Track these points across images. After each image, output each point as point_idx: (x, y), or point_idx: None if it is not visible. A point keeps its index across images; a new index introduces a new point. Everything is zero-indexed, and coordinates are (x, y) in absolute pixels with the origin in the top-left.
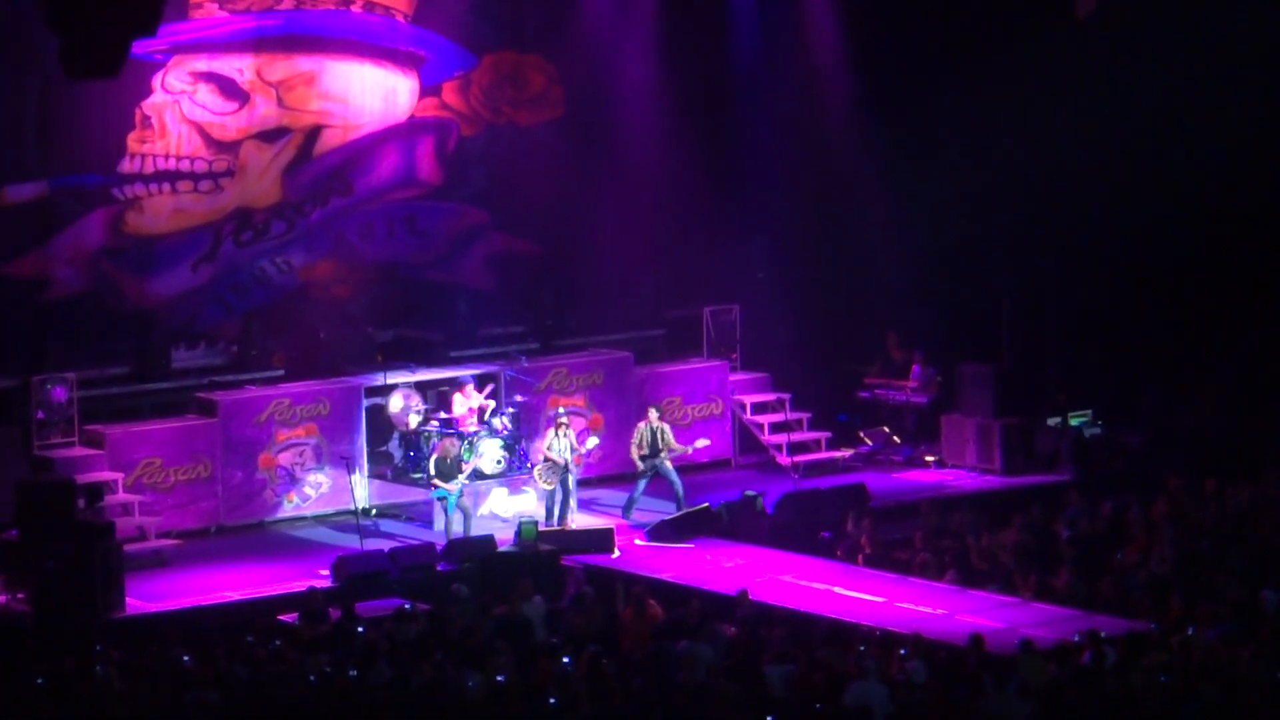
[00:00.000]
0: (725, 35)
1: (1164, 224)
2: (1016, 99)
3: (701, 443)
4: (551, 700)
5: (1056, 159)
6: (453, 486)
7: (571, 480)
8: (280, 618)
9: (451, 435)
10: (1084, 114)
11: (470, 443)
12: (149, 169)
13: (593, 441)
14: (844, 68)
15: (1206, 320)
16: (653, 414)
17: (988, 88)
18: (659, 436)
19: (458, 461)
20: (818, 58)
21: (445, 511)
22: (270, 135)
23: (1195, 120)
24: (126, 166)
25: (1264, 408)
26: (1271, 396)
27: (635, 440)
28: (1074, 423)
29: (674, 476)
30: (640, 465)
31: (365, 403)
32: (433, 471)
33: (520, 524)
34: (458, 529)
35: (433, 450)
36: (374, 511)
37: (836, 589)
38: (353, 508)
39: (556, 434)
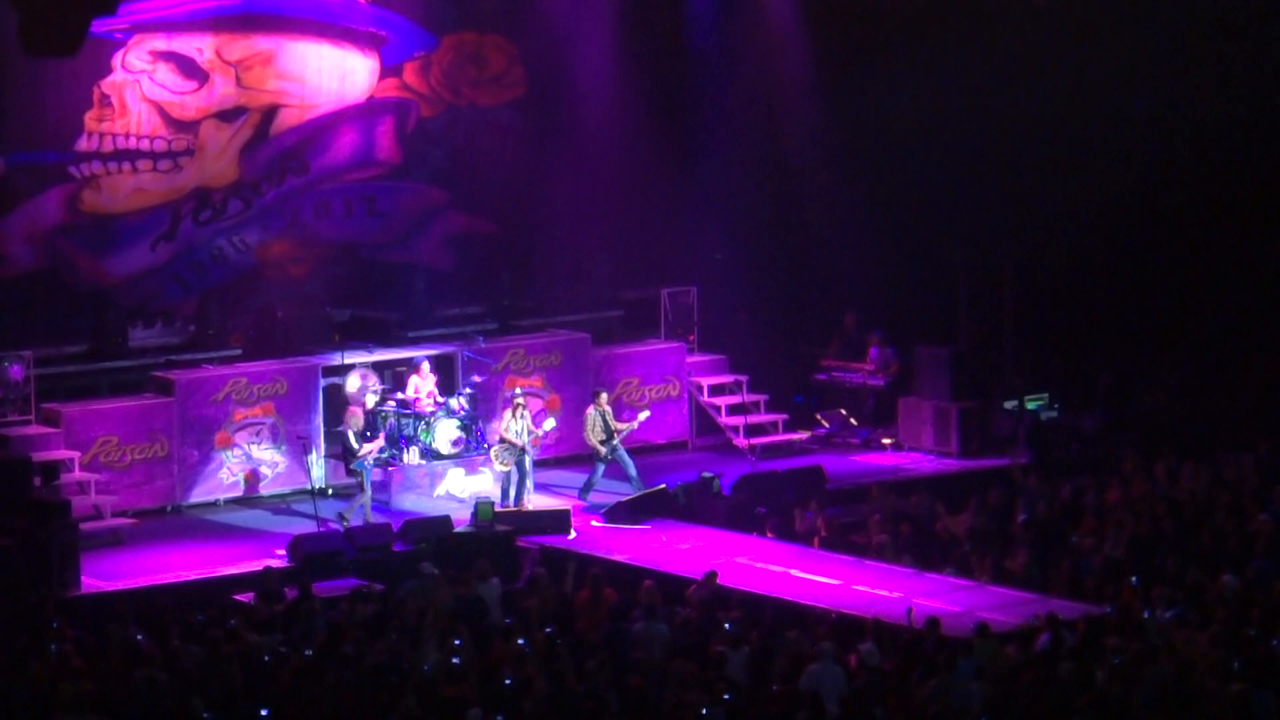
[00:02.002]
0: (683, 16)
1: (1119, 208)
2: (974, 82)
3: (644, 414)
4: (507, 681)
5: (1013, 143)
6: (368, 458)
7: (528, 461)
8: (236, 597)
9: (356, 407)
10: (1041, 98)
11: (427, 423)
12: (107, 148)
13: (550, 423)
14: (802, 50)
15: (1163, 303)
16: (601, 397)
17: (945, 70)
18: (607, 419)
19: (362, 434)
20: (775, 40)
21: (364, 487)
22: (228, 115)
23: (1152, 106)
24: (84, 145)
25: (1220, 391)
26: (1227, 379)
27: (589, 428)
28: (1030, 406)
29: (627, 459)
30: (601, 451)
31: (322, 382)
32: (354, 445)
33: (477, 504)
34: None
35: (345, 426)
36: (330, 491)
37: (793, 571)
38: (309, 487)
39: (513, 415)
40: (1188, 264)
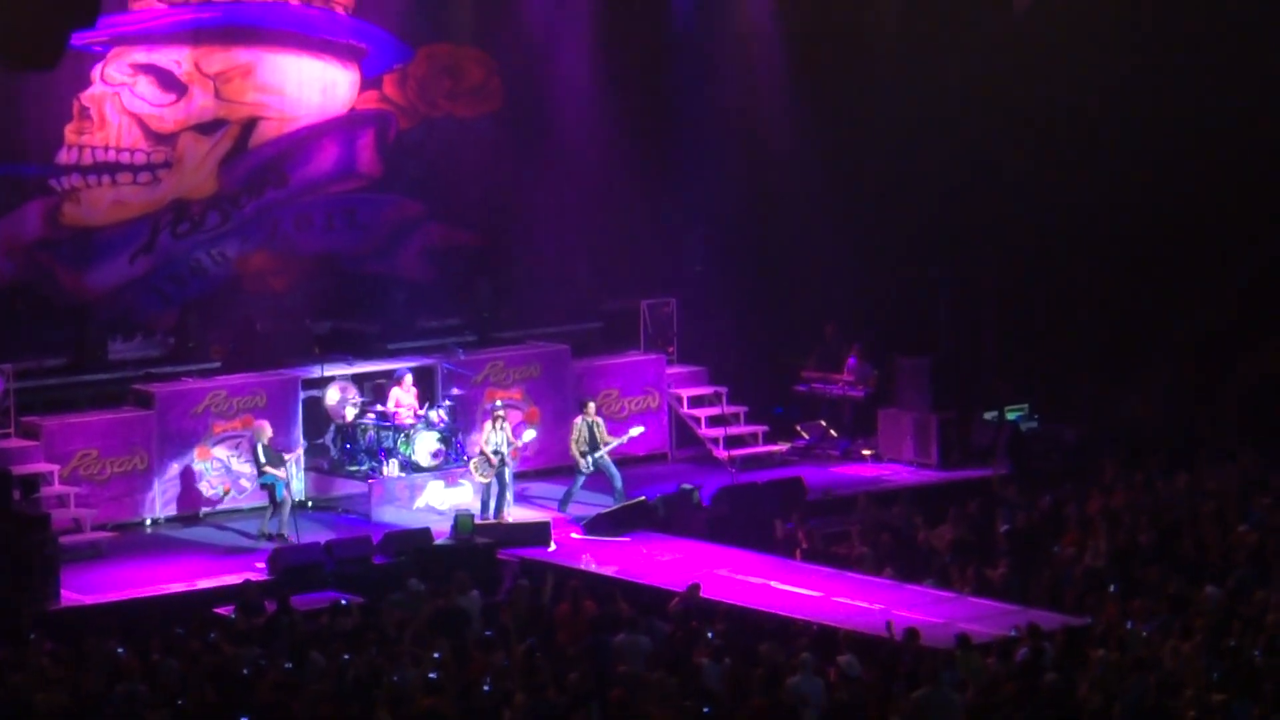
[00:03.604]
0: (662, 27)
1: (1099, 217)
2: (953, 91)
3: (636, 430)
4: (486, 690)
5: (993, 151)
6: (281, 473)
7: (508, 473)
8: (216, 610)
9: (265, 421)
10: (1021, 107)
11: (407, 435)
12: (87, 160)
13: (529, 434)
14: (781, 62)
15: (1142, 313)
16: (590, 407)
17: (925, 80)
18: (595, 431)
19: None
20: (755, 51)
21: (274, 499)
22: (207, 127)
23: (1130, 113)
24: (64, 158)
25: (1200, 401)
26: (1207, 389)
27: (574, 437)
28: (1010, 416)
29: (613, 470)
30: (581, 462)
31: (302, 395)
32: (262, 459)
33: (457, 517)
34: (287, 518)
35: (258, 438)
36: (310, 504)
37: (773, 583)
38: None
39: (493, 427)
40: (1168, 272)
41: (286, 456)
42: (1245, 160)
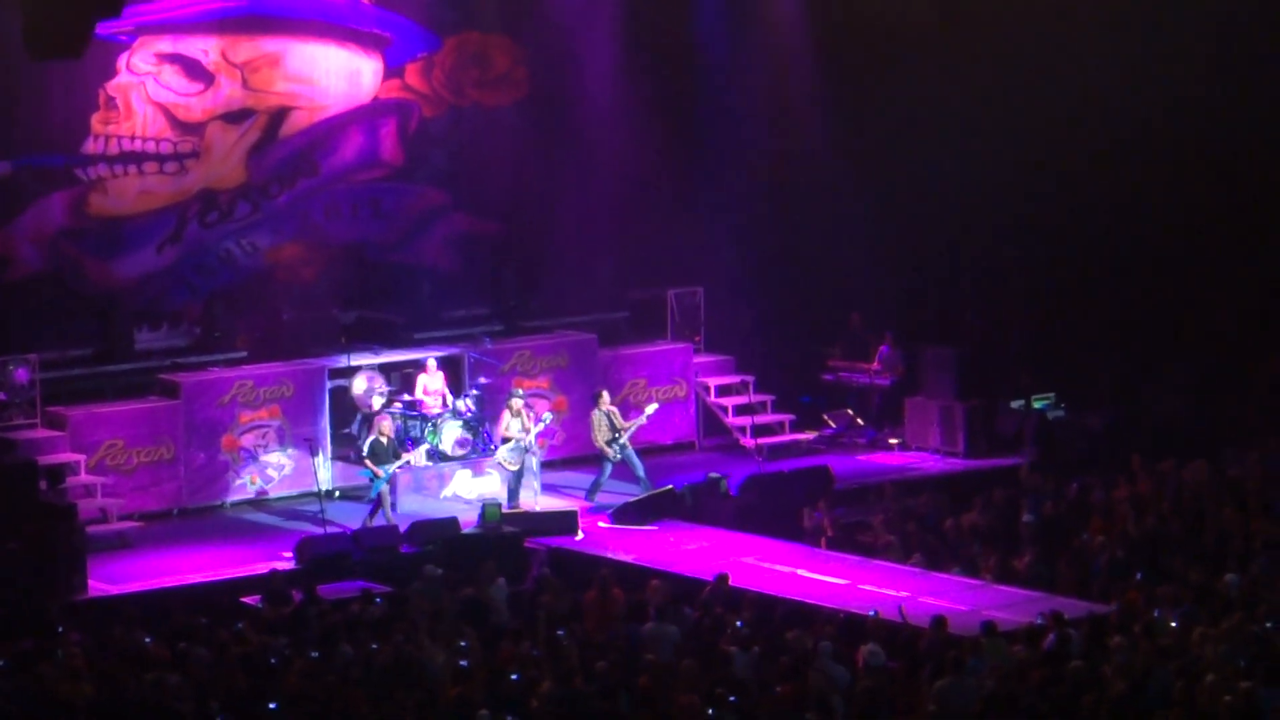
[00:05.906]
0: (690, 15)
1: (1126, 206)
2: (980, 79)
3: (651, 408)
4: (514, 679)
5: (1018, 141)
6: (381, 472)
7: (534, 461)
8: (243, 600)
9: (388, 415)
10: (1047, 99)
11: (434, 425)
12: (114, 150)
13: (547, 416)
14: (808, 49)
15: (1168, 302)
16: (604, 398)
17: (951, 68)
18: (613, 419)
19: (394, 446)
20: (782, 38)
21: (373, 493)
22: (235, 116)
23: (1156, 102)
24: (91, 147)
25: (1225, 390)
26: (1232, 379)
27: (595, 430)
28: (1037, 405)
29: (635, 459)
30: (608, 451)
31: (329, 384)
32: (366, 451)
33: (484, 506)
34: (383, 512)
35: (369, 430)
36: (337, 494)
37: (800, 571)
38: (316, 490)
39: (514, 417)
40: (1196, 262)
41: (405, 455)
42: (1275, 153)
